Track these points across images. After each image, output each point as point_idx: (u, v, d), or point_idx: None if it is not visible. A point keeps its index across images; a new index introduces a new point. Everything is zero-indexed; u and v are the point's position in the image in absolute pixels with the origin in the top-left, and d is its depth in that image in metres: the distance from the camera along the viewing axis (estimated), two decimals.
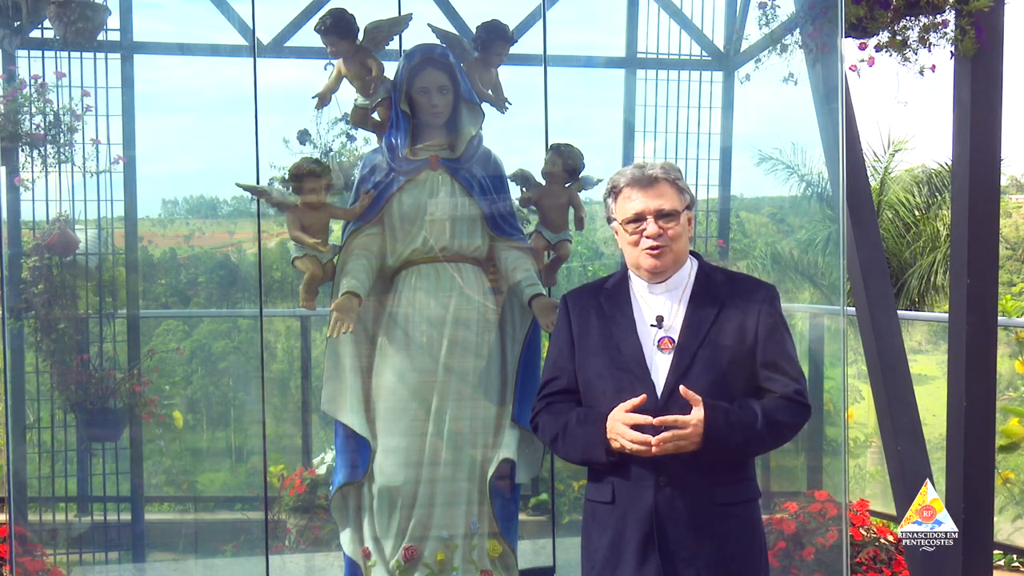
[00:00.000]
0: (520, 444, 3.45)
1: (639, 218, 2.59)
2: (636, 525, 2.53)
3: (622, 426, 2.48)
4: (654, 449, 2.45)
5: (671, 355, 2.55)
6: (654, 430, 2.47)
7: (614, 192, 2.66)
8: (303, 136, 3.67)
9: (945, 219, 16.42)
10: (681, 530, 2.51)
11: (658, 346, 2.57)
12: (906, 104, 3.98)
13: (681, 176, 2.65)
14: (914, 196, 17.33)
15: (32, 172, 4.25)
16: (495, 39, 3.56)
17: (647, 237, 2.57)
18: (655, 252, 2.58)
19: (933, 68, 3.81)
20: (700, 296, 2.61)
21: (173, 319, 5.74)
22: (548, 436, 2.70)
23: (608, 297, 2.68)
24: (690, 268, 2.66)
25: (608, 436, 2.51)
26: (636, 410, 2.50)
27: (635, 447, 2.47)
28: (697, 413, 2.46)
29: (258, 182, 3.41)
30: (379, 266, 3.42)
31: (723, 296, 2.61)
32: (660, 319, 2.59)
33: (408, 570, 3.40)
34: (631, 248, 2.62)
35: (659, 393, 2.52)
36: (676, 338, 2.57)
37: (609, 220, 2.71)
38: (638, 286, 2.66)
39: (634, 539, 2.53)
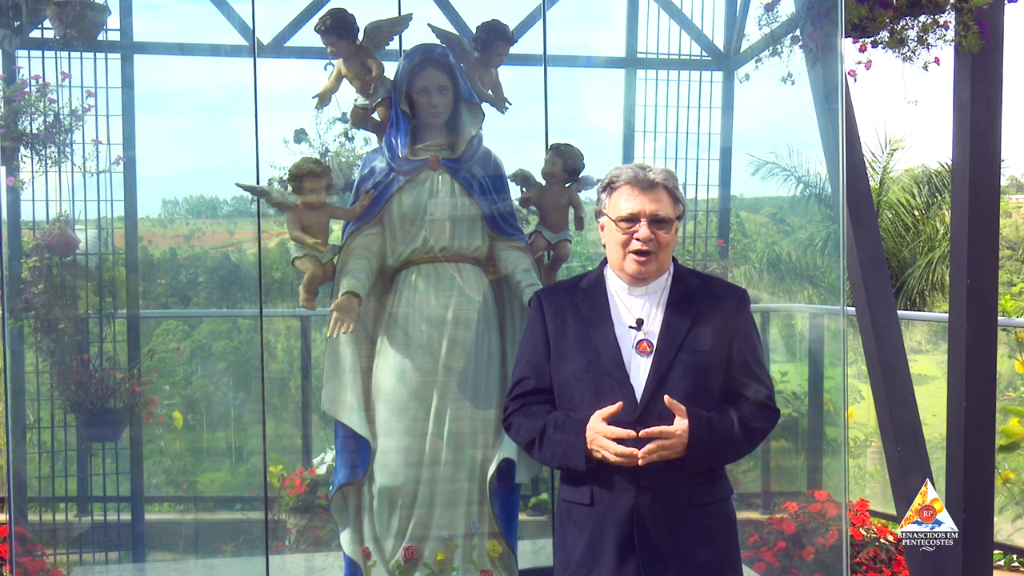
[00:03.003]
0: None
1: (632, 219, 2.58)
2: (615, 527, 2.53)
3: (604, 439, 2.48)
4: (640, 462, 2.46)
5: (650, 358, 2.55)
6: (636, 439, 2.47)
7: (611, 187, 2.65)
8: (299, 135, 3.67)
9: (945, 219, 16.43)
10: (661, 531, 2.52)
11: (636, 349, 2.57)
12: (916, 103, 3.98)
13: (679, 186, 2.66)
14: (914, 196, 17.35)
15: (32, 172, 4.25)
16: (495, 39, 3.56)
17: (637, 239, 2.57)
18: (642, 258, 2.58)
19: (937, 61, 3.81)
20: (677, 300, 2.62)
21: (173, 319, 5.74)
22: (523, 439, 2.69)
23: (585, 297, 2.67)
24: (668, 271, 2.67)
25: (589, 447, 2.51)
26: (615, 417, 2.50)
27: (620, 461, 2.47)
28: (681, 423, 2.47)
29: (258, 182, 3.41)
30: (379, 266, 3.42)
31: (699, 300, 2.62)
32: (640, 322, 2.58)
33: (408, 570, 3.40)
34: (617, 247, 2.61)
35: (639, 397, 2.53)
36: (654, 342, 2.56)
37: (598, 214, 2.70)
38: (616, 287, 2.65)
39: (613, 540, 2.53)
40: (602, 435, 2.49)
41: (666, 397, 2.48)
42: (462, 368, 3.40)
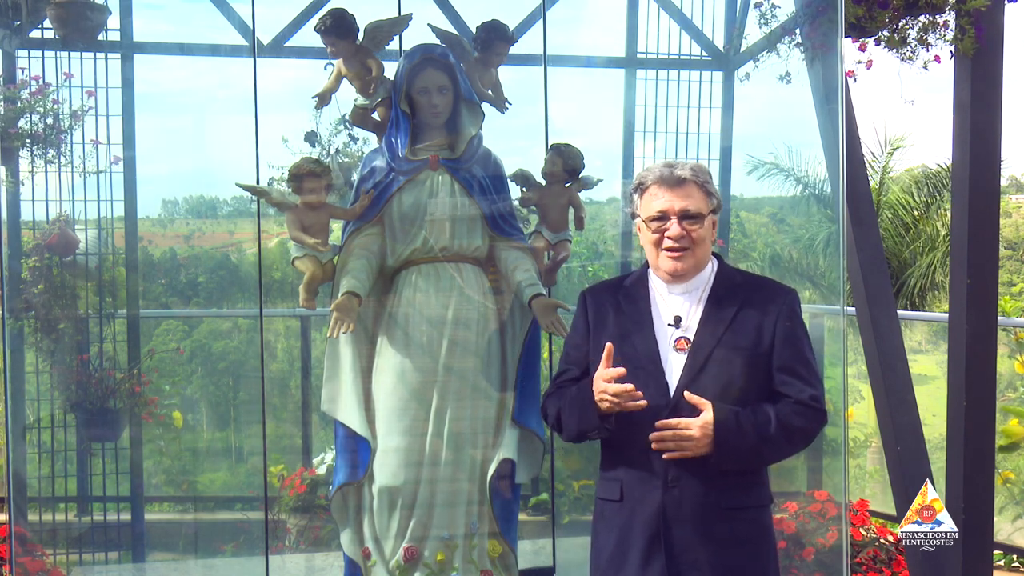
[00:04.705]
0: (520, 444, 3.45)
1: (663, 217, 2.57)
2: (643, 525, 2.52)
3: (603, 383, 2.47)
4: (654, 446, 2.45)
5: (686, 355, 2.55)
6: (656, 429, 2.47)
7: (640, 188, 2.64)
8: (310, 137, 3.67)
9: (944, 219, 16.42)
10: (688, 532, 2.50)
11: (674, 346, 2.56)
12: (913, 102, 3.99)
13: (710, 179, 2.64)
14: (913, 196, 17.35)
15: (32, 172, 4.25)
16: (495, 39, 3.56)
17: (669, 237, 2.57)
18: (676, 255, 2.57)
19: (937, 59, 3.81)
20: (718, 297, 2.60)
21: (173, 319, 5.74)
22: (552, 417, 2.71)
23: (626, 295, 2.67)
24: (711, 269, 2.65)
25: (596, 399, 2.50)
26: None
27: (614, 399, 2.45)
28: (705, 416, 2.45)
29: (258, 182, 3.41)
30: (379, 266, 3.42)
31: (741, 298, 2.59)
32: (678, 319, 2.58)
33: (408, 570, 3.40)
34: (652, 247, 2.61)
35: (672, 393, 2.52)
36: (692, 338, 2.56)
37: (632, 216, 2.70)
38: (657, 285, 2.65)
39: (640, 539, 2.53)
40: (601, 379, 2.48)
41: (686, 393, 2.48)
42: (462, 368, 3.40)
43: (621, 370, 2.47)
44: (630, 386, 2.45)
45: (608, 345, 2.51)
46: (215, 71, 4.98)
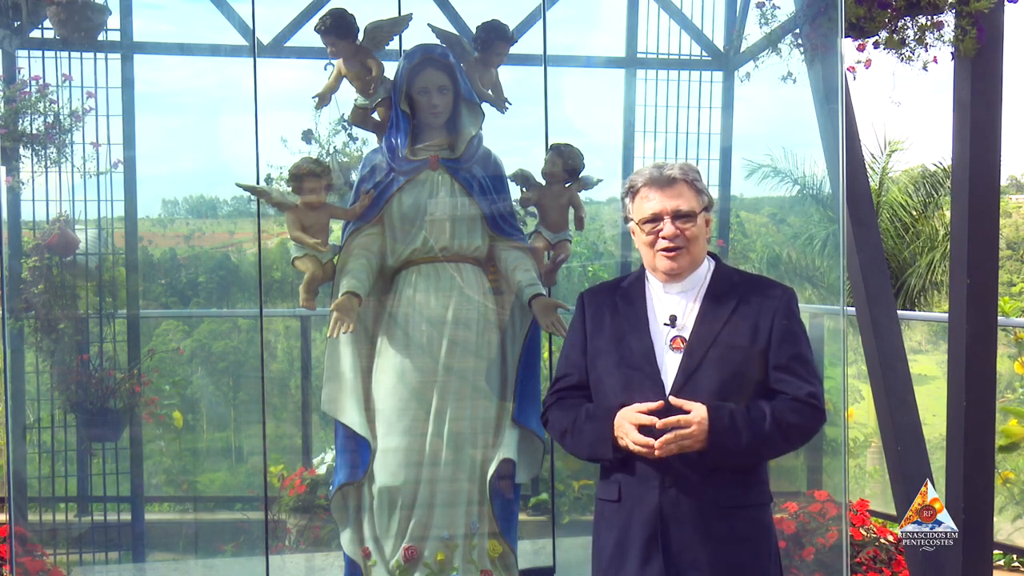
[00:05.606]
0: (520, 444, 3.45)
1: (656, 218, 2.58)
2: (641, 525, 2.53)
3: (628, 425, 2.49)
4: (657, 452, 2.46)
5: (682, 354, 2.55)
6: (659, 432, 2.47)
7: (631, 192, 2.66)
8: (307, 135, 3.67)
9: (943, 219, 16.43)
10: (686, 532, 2.50)
11: (670, 345, 2.57)
12: (900, 104, 3.99)
13: (699, 177, 2.65)
14: (911, 197, 17.37)
15: (32, 172, 4.25)
16: (495, 39, 3.56)
17: (663, 238, 2.57)
18: (671, 254, 2.58)
19: (936, 60, 3.81)
20: (714, 296, 2.60)
21: (173, 319, 5.74)
22: (557, 431, 2.71)
23: (623, 296, 2.68)
24: (707, 268, 2.66)
25: (615, 433, 2.52)
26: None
27: (639, 449, 2.47)
28: (699, 411, 2.45)
29: (258, 182, 3.41)
30: (379, 266, 3.43)
31: (738, 297, 2.60)
32: (673, 318, 2.58)
33: (408, 570, 3.40)
34: (647, 249, 2.62)
35: (667, 392, 2.52)
36: (687, 337, 2.57)
37: (626, 220, 2.71)
38: (654, 285, 2.66)
39: (639, 539, 2.53)
40: (627, 421, 2.49)
41: (672, 398, 2.49)
42: (462, 368, 3.40)
43: (652, 419, 2.48)
44: (651, 441, 2.46)
45: (660, 403, 2.50)
46: (215, 71, 4.98)
